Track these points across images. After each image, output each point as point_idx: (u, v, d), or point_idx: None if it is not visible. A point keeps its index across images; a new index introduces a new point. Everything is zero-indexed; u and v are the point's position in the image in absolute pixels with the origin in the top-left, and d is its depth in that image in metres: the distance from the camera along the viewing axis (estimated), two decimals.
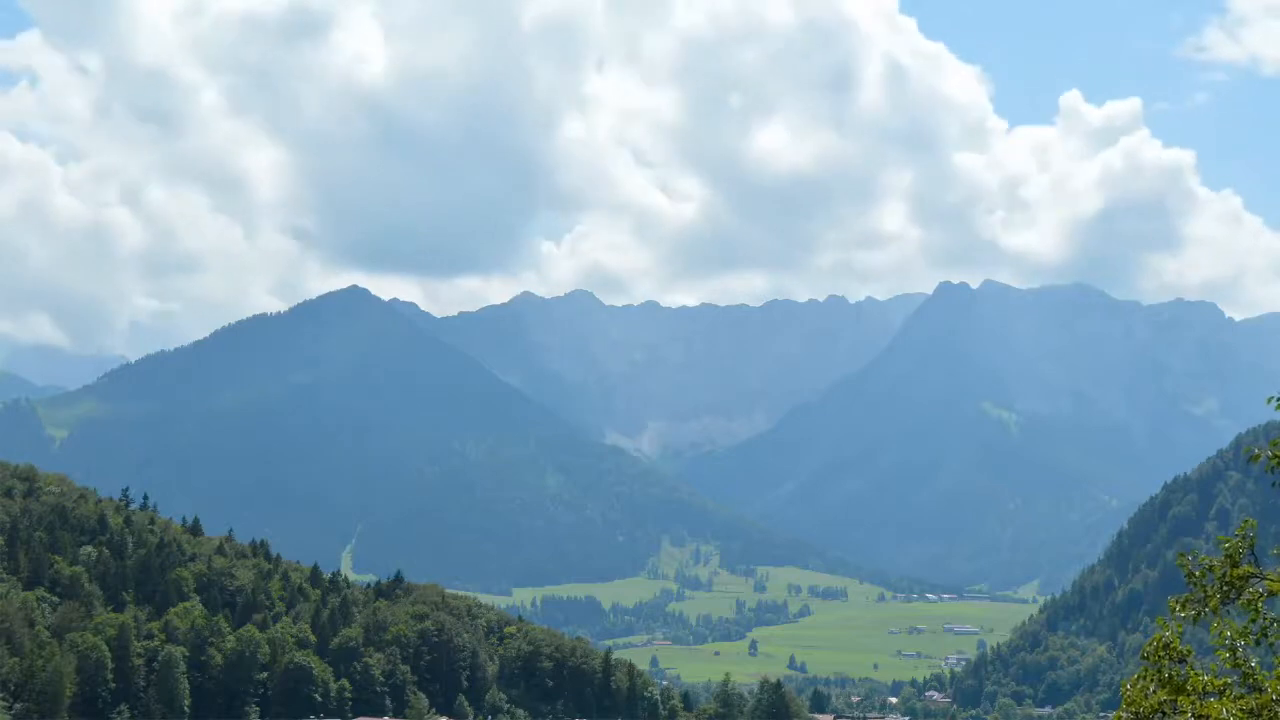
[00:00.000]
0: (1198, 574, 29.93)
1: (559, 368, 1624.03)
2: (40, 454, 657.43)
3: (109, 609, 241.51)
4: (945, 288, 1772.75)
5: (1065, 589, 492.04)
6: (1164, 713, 29.52)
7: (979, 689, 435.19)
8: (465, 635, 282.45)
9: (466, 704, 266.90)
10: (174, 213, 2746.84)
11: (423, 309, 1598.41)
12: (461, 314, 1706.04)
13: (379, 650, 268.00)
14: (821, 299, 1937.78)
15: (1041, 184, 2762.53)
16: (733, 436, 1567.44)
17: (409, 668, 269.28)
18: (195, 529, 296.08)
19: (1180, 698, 29.15)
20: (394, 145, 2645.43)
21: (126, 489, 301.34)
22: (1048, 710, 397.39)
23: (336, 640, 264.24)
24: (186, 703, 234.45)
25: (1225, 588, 29.48)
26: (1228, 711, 28.33)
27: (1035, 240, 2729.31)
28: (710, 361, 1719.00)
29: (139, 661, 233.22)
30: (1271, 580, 29.14)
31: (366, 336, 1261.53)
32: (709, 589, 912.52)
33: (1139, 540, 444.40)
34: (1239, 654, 29.07)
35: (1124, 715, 30.46)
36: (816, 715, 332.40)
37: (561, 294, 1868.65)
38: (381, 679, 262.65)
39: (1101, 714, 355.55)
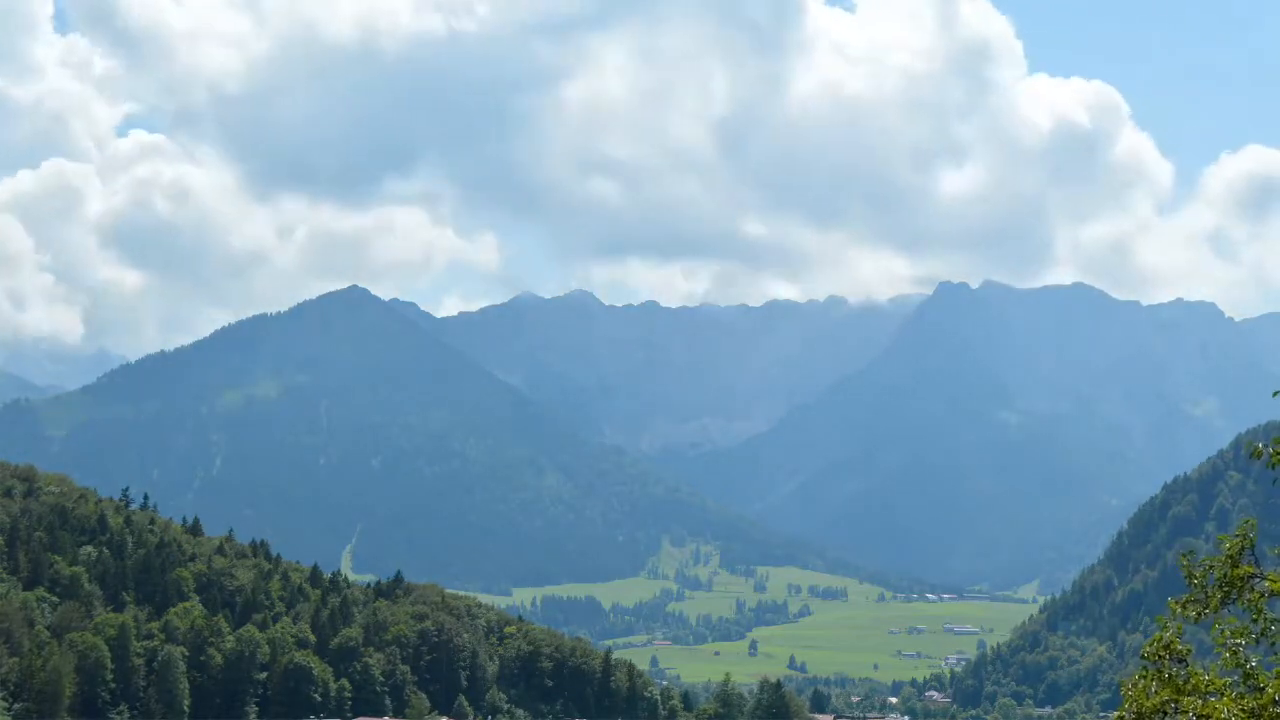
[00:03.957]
0: (1198, 574, 29.86)
1: (559, 368, 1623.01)
2: (40, 454, 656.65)
3: (109, 609, 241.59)
4: (945, 288, 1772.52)
5: (1065, 589, 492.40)
6: (1165, 712, 29.45)
7: (979, 689, 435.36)
8: (465, 635, 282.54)
9: (466, 704, 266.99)
10: None
11: (423, 309, 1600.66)
12: (461, 314, 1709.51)
13: (379, 650, 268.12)
14: (821, 299, 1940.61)
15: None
16: (733, 436, 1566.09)
17: (409, 668, 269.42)
18: (195, 529, 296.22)
19: (1182, 698, 29.09)
20: None
21: (126, 489, 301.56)
22: (1048, 710, 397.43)
23: (336, 640, 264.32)
24: (186, 703, 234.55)
25: (1226, 588, 29.41)
26: (1229, 711, 28.27)
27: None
28: (710, 361, 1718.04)
29: (139, 661, 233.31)
30: (1273, 580, 29.07)
31: (366, 336, 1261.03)
32: (709, 589, 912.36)
33: (1139, 540, 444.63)
34: (1239, 654, 29.01)
35: (1125, 714, 30.40)
36: (816, 715, 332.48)
37: (561, 294, 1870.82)
38: (381, 679, 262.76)
39: (1101, 714, 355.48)
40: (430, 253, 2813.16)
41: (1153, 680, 30.03)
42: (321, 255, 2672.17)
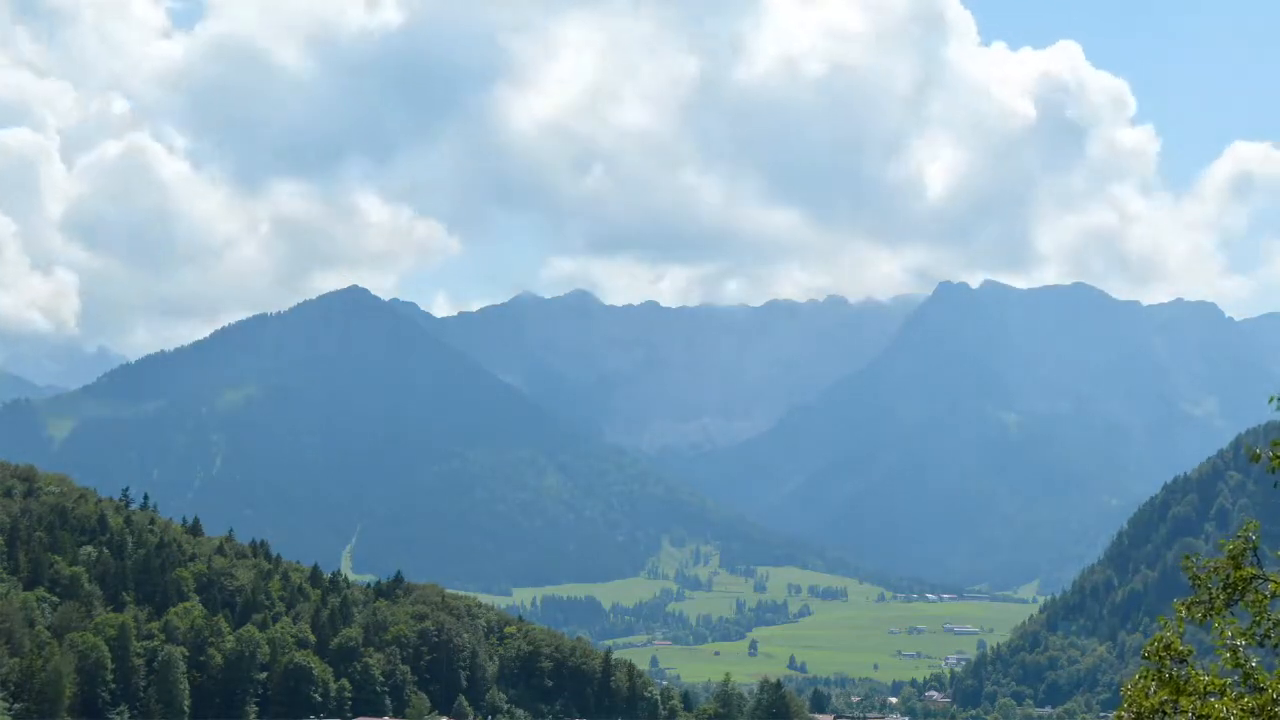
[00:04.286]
0: (1201, 576, 29.88)
1: (559, 368, 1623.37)
2: (40, 454, 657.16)
3: (109, 609, 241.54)
4: (945, 288, 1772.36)
5: (1065, 589, 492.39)
6: (1165, 712, 29.46)
7: (979, 689, 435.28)
8: (465, 635, 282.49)
9: (466, 704, 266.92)
10: None
11: (422, 309, 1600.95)
12: (461, 314, 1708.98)
13: (379, 650, 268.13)
14: (821, 299, 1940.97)
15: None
16: (733, 436, 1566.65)
17: (409, 668, 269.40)
18: (195, 529, 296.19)
19: (1181, 698, 29.11)
20: None
21: (126, 489, 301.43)
22: (1048, 710, 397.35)
23: (336, 640, 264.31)
24: (186, 703, 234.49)
25: (1229, 590, 29.43)
26: (1228, 711, 28.28)
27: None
28: (710, 361, 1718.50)
29: (139, 661, 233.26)
30: (1275, 582, 29.10)
31: (366, 336, 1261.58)
32: (709, 589, 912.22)
33: (1139, 540, 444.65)
34: (1240, 654, 29.02)
35: (1124, 715, 30.41)
36: (816, 715, 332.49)
37: (561, 294, 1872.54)
38: (381, 679, 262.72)
39: (1101, 714, 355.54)
40: (403, 246, 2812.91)
41: (1152, 680, 30.03)
42: (304, 248, 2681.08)
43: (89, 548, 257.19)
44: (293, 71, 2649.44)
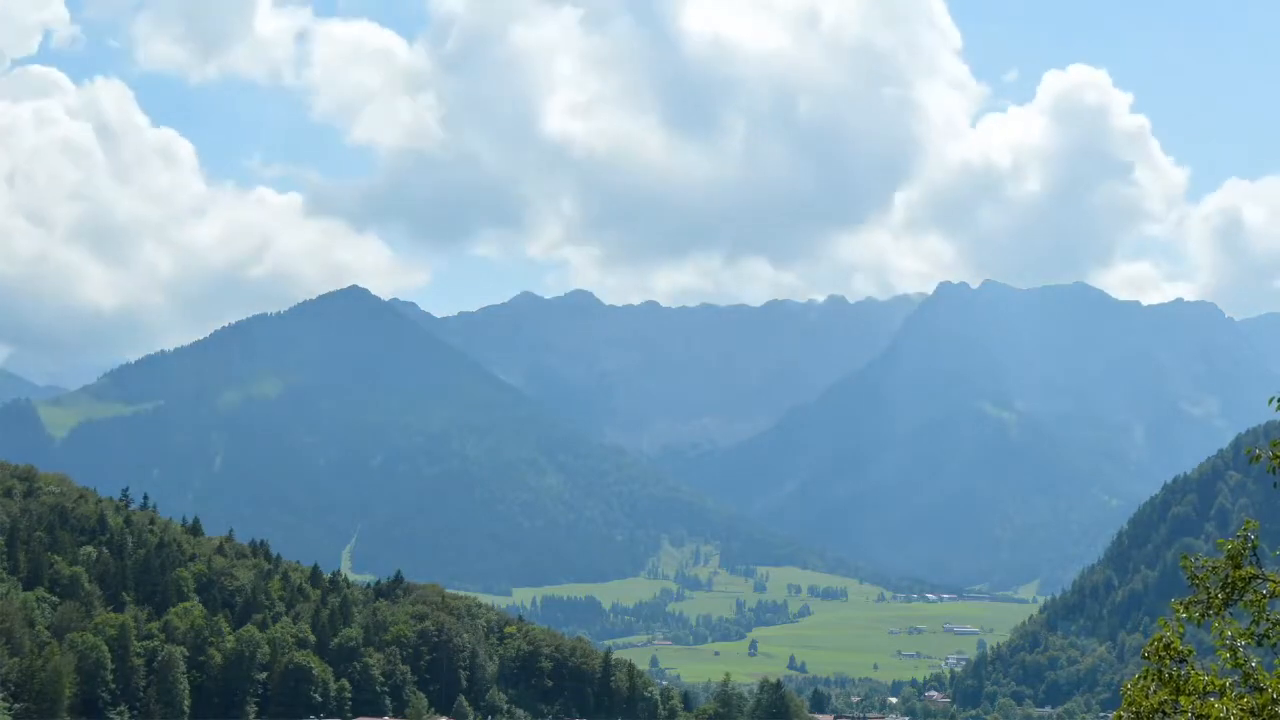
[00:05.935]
0: (1200, 576, 29.90)
1: (559, 368, 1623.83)
2: (40, 454, 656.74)
3: (109, 609, 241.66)
4: (945, 288, 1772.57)
5: (1065, 589, 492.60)
6: (1164, 712, 29.47)
7: (979, 689, 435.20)
8: (465, 635, 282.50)
9: (466, 704, 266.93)
10: None
11: (423, 309, 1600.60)
12: (461, 314, 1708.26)
13: (379, 650, 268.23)
14: (821, 299, 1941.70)
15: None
16: (733, 436, 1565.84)
17: (409, 668, 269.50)
18: (195, 529, 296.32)
19: (1181, 698, 29.12)
20: None
21: (126, 489, 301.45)
22: (1048, 710, 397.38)
23: (336, 640, 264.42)
24: (186, 703, 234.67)
25: (1228, 589, 29.44)
26: (1228, 711, 28.29)
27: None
28: (710, 361, 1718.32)
29: (139, 661, 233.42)
30: (1274, 582, 29.11)
31: (366, 336, 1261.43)
32: (709, 589, 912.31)
33: (1139, 540, 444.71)
34: (1239, 654, 29.04)
35: (1124, 715, 30.42)
36: (816, 715, 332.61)
37: (561, 294, 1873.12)
38: (381, 679, 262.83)
39: (1101, 714, 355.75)
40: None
41: (1152, 680, 30.04)
42: None
43: (89, 548, 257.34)
44: None
